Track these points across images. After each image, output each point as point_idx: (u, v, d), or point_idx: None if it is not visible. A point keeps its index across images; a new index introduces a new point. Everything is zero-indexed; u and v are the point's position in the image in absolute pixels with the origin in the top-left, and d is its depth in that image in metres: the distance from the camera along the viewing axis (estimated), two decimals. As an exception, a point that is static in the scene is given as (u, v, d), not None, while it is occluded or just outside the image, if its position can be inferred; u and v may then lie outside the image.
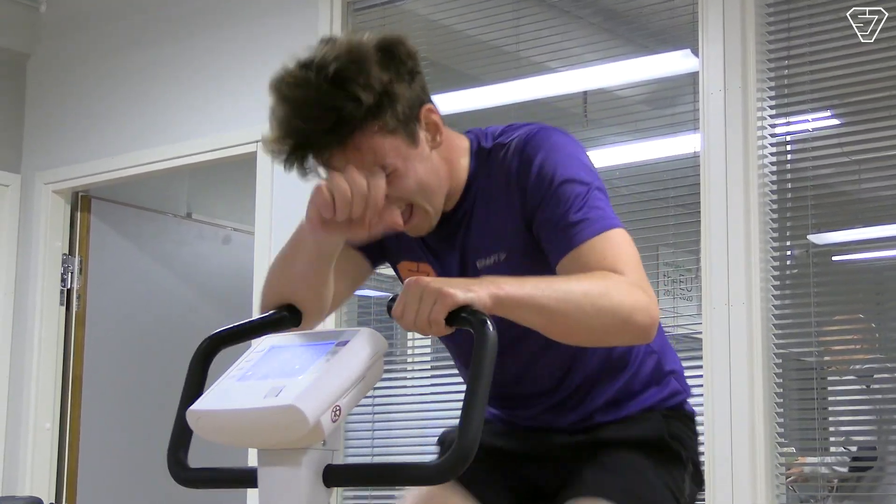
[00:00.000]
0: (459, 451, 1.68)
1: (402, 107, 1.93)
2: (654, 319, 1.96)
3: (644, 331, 1.95)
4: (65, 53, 6.06)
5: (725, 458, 4.02)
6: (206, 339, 1.99)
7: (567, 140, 2.07)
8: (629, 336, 1.97)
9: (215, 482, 1.93)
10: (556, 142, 2.05)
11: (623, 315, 1.91)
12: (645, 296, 1.94)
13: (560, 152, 2.03)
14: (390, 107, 1.92)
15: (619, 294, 1.91)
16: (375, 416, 4.99)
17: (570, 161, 2.03)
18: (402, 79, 1.94)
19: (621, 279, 1.93)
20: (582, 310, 1.87)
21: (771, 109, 4.19)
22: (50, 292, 5.92)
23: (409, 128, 1.96)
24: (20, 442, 5.80)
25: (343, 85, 1.88)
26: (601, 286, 1.91)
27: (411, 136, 1.97)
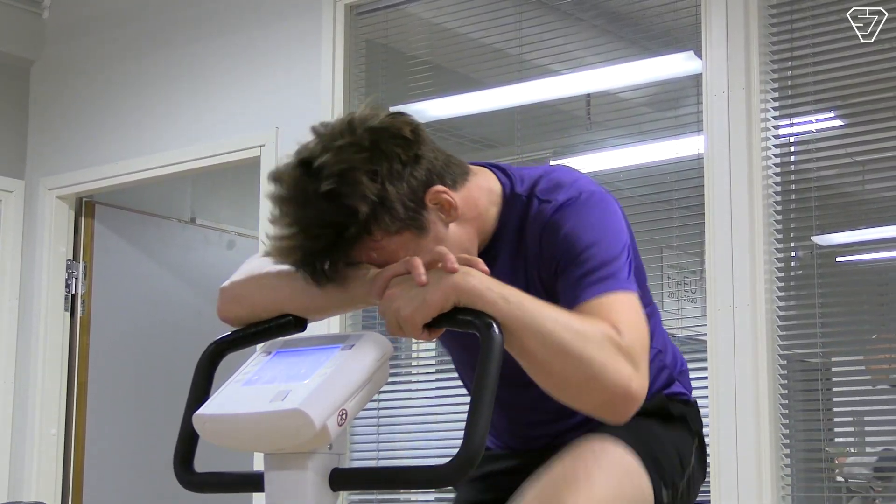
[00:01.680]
0: (465, 454, 1.68)
1: (400, 206, 1.90)
2: (628, 394, 1.80)
3: (611, 401, 1.81)
4: (68, 59, 6.06)
5: (731, 459, 4.02)
6: (212, 343, 1.99)
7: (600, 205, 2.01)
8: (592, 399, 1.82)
9: (222, 486, 1.94)
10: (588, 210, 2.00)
11: (590, 371, 1.78)
12: (628, 366, 1.80)
13: (589, 221, 1.98)
14: (387, 213, 1.89)
15: (599, 347, 1.79)
16: (381, 420, 4.99)
17: (598, 230, 1.97)
18: (399, 175, 1.90)
19: (612, 336, 1.81)
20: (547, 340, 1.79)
21: (774, 111, 4.19)
22: (54, 298, 5.93)
23: (415, 221, 1.93)
24: (26, 447, 5.81)
25: (337, 201, 1.86)
26: (585, 328, 1.81)
27: (419, 227, 1.93)
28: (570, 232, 1.97)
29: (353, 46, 5.18)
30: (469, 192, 2.02)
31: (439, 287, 1.79)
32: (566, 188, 2.03)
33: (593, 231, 1.97)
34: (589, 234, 1.96)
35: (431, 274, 1.82)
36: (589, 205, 2.00)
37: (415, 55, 5.15)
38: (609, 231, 1.98)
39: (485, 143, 5.42)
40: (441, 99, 5.11)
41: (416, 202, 1.92)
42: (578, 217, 1.98)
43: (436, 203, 1.95)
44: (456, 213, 1.98)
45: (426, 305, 1.79)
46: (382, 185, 1.88)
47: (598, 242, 1.95)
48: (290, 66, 5.29)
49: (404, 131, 1.93)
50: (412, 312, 1.80)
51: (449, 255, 1.82)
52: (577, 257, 1.94)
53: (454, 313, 1.80)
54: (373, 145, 1.89)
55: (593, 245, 1.95)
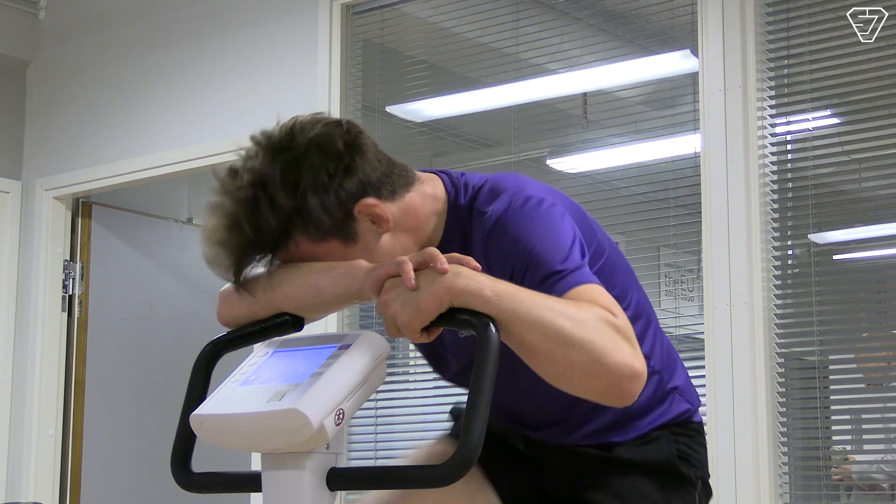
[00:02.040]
0: (463, 454, 1.68)
1: (323, 217, 1.94)
2: (634, 372, 1.79)
3: (618, 382, 1.80)
4: (65, 60, 6.06)
5: (728, 458, 4.03)
6: (209, 343, 1.99)
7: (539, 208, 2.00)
8: (599, 383, 1.80)
9: (219, 486, 1.94)
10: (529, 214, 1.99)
11: (594, 354, 1.78)
12: (627, 345, 1.81)
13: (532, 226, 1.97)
14: (305, 222, 1.94)
15: (598, 330, 1.79)
16: (378, 419, 4.99)
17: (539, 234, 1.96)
18: (325, 187, 1.94)
19: (608, 317, 1.81)
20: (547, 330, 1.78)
21: (771, 109, 4.19)
22: (52, 298, 5.93)
23: (340, 231, 1.96)
24: (23, 448, 5.81)
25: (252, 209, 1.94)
26: (581, 313, 1.80)
27: (346, 235, 1.97)
28: (513, 241, 1.96)
29: (350, 46, 5.18)
30: (410, 201, 2.03)
31: (431, 291, 1.78)
32: (501, 197, 2.02)
33: (534, 235, 1.96)
34: (532, 239, 1.95)
35: (422, 277, 1.81)
36: (524, 211, 1.99)
37: (411, 54, 5.15)
38: (548, 232, 1.97)
39: (481, 142, 5.42)
40: (437, 98, 5.12)
41: (343, 213, 1.95)
42: (516, 225, 1.97)
43: (367, 215, 1.97)
44: (387, 224, 1.99)
45: (421, 312, 1.79)
46: (302, 196, 1.92)
47: (544, 245, 1.94)
48: (286, 66, 5.29)
49: (337, 143, 1.95)
50: (408, 319, 1.80)
51: (438, 255, 1.82)
52: (531, 263, 1.93)
53: (451, 313, 1.80)
54: (301, 156, 1.94)
55: (542, 248, 1.94)
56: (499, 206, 2.00)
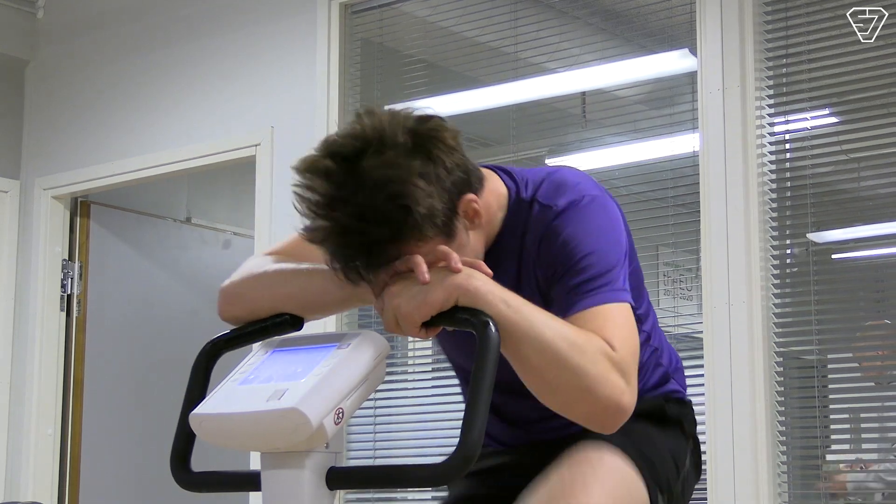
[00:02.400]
0: (462, 452, 1.69)
1: (440, 217, 1.86)
2: (619, 408, 1.81)
3: (601, 413, 1.82)
4: (63, 59, 6.06)
5: (727, 456, 4.03)
6: (208, 343, 1.99)
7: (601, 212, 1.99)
8: (582, 410, 1.83)
9: (219, 486, 1.94)
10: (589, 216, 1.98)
11: (584, 383, 1.79)
12: (621, 380, 1.82)
13: (589, 228, 1.97)
14: (430, 219, 1.85)
15: (594, 360, 1.80)
16: (377, 419, 4.99)
17: (597, 237, 1.96)
18: (442, 183, 1.86)
19: (606, 350, 1.82)
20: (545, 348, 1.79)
21: (770, 108, 4.19)
22: (50, 298, 5.93)
23: (447, 228, 1.89)
24: (22, 448, 5.80)
25: (389, 205, 1.81)
26: (580, 340, 1.82)
27: (449, 233, 1.90)
28: (569, 239, 1.97)
29: (349, 45, 5.18)
30: (486, 198, 2.00)
31: (442, 286, 1.79)
32: (567, 192, 2.02)
33: (592, 239, 1.96)
34: (587, 242, 1.96)
35: (434, 273, 1.82)
36: (589, 210, 1.99)
37: (410, 54, 5.15)
38: (608, 239, 1.98)
39: (480, 141, 5.42)
40: (436, 97, 5.11)
41: (452, 210, 1.89)
42: (578, 223, 1.98)
43: (465, 211, 1.93)
44: (480, 221, 1.96)
45: (427, 303, 1.80)
46: (431, 192, 1.84)
47: (595, 251, 1.95)
48: (285, 65, 5.29)
49: (448, 138, 1.89)
50: (412, 310, 1.80)
51: (453, 254, 1.82)
52: (574, 265, 1.94)
53: (453, 312, 1.80)
54: (420, 150, 1.85)
55: (591, 254, 1.94)
56: (563, 202, 2.00)
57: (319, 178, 1.83)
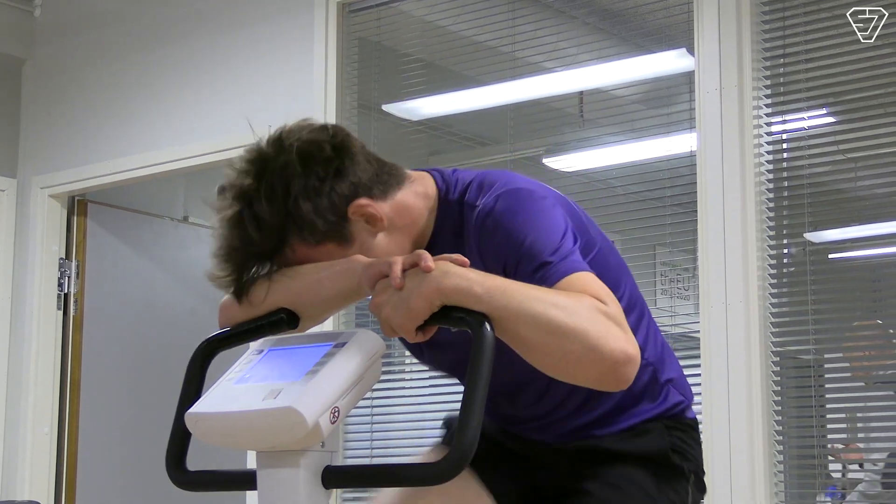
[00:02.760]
0: (458, 452, 1.68)
1: (318, 221, 1.96)
2: (628, 357, 1.80)
3: (613, 368, 1.81)
4: (60, 58, 6.05)
5: (724, 456, 4.03)
6: (204, 341, 1.99)
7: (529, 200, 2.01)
8: (594, 370, 1.81)
9: (214, 485, 1.94)
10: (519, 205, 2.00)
11: (588, 342, 1.79)
12: (620, 331, 1.82)
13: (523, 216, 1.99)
14: (300, 228, 1.96)
15: (590, 318, 1.80)
16: (374, 418, 4.99)
17: (531, 221, 1.98)
18: (316, 191, 1.96)
19: (598, 304, 1.83)
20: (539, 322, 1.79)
21: (767, 108, 4.19)
22: (47, 297, 5.92)
23: (336, 233, 1.99)
24: (18, 447, 5.80)
25: (241, 224, 1.97)
26: (572, 302, 1.81)
27: (342, 237, 1.99)
28: (507, 231, 1.98)
29: (346, 44, 5.18)
30: (402, 200, 2.05)
31: (420, 292, 1.79)
32: (491, 191, 2.04)
33: (527, 224, 1.97)
34: (525, 229, 1.97)
35: (410, 278, 1.82)
36: (517, 202, 2.00)
37: (407, 53, 5.15)
38: (544, 223, 1.98)
39: (477, 140, 5.42)
40: (434, 96, 5.11)
41: (337, 215, 1.98)
42: (509, 217, 1.99)
43: (360, 215, 1.99)
44: (381, 223, 2.01)
45: (412, 313, 1.80)
46: (294, 203, 1.94)
47: (535, 235, 1.96)
48: (282, 64, 5.29)
49: (325, 148, 1.98)
50: (401, 321, 1.81)
51: (424, 255, 1.83)
52: (523, 255, 1.94)
53: (446, 311, 1.80)
54: (289, 164, 1.97)
55: (533, 238, 1.95)
56: (489, 199, 2.02)
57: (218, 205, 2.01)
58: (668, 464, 2.20)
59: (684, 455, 2.23)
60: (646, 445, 2.18)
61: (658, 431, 2.21)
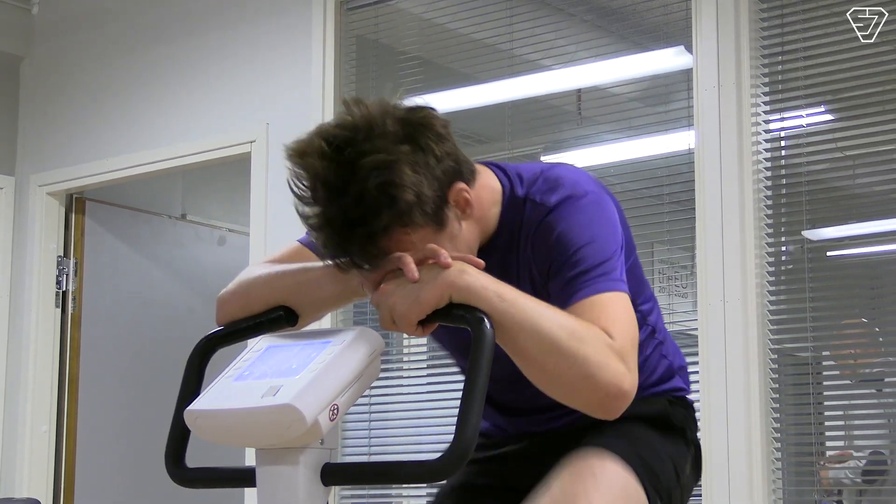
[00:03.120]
0: (457, 448, 1.69)
1: (429, 205, 1.88)
2: (621, 392, 1.81)
3: (604, 399, 1.82)
4: (58, 56, 6.05)
5: (722, 453, 4.03)
6: (203, 339, 1.99)
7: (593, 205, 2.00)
8: (584, 397, 1.83)
9: (213, 482, 1.94)
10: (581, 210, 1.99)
11: (585, 370, 1.79)
12: (621, 365, 1.82)
13: (582, 222, 1.98)
14: (420, 207, 1.86)
15: (593, 348, 1.80)
16: (372, 415, 4.99)
17: (591, 230, 1.97)
18: (432, 171, 1.88)
19: (605, 338, 1.83)
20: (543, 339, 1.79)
21: (765, 106, 4.19)
22: (45, 294, 5.92)
23: (437, 217, 1.91)
24: (17, 444, 5.80)
25: (381, 192, 1.83)
26: (580, 330, 1.82)
27: (439, 222, 1.91)
28: (563, 233, 1.97)
29: (344, 42, 5.18)
30: (479, 190, 2.01)
31: (435, 284, 1.79)
32: (561, 188, 2.02)
33: (586, 231, 1.96)
34: (581, 235, 1.96)
35: (426, 270, 1.82)
36: (582, 205, 2.00)
37: (405, 50, 5.15)
38: (602, 231, 1.98)
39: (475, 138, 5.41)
40: (432, 94, 5.09)
41: (442, 198, 1.91)
42: (571, 218, 1.98)
43: (456, 200, 1.94)
44: (472, 210, 1.97)
45: (421, 303, 1.80)
46: (420, 179, 1.86)
47: (590, 243, 1.95)
48: (280, 62, 5.28)
49: (437, 126, 1.91)
50: (407, 310, 1.81)
51: (441, 251, 1.83)
52: (569, 259, 1.94)
53: (448, 309, 1.80)
54: (409, 138, 1.87)
55: (585, 245, 1.95)
56: (556, 198, 2.01)
57: (310, 165, 1.85)
58: (670, 425, 2.23)
59: (685, 425, 2.26)
60: (648, 409, 2.19)
61: (660, 402, 2.24)
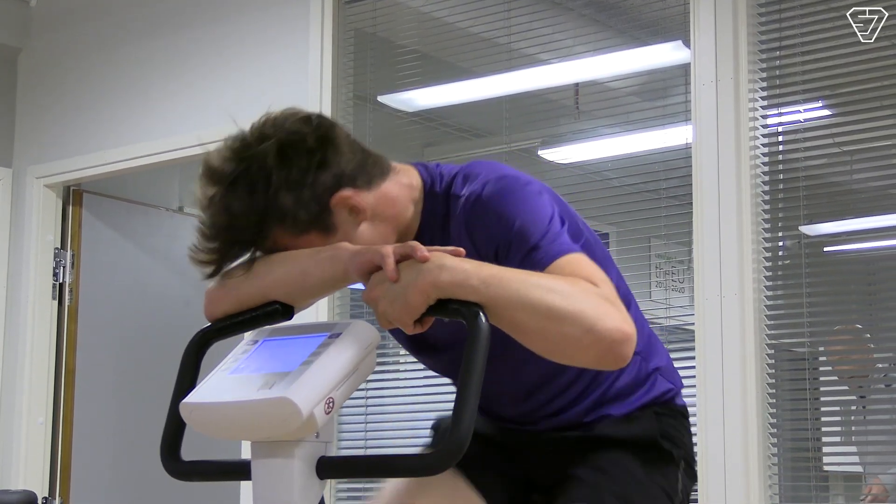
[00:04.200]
0: (453, 442, 1.69)
1: (301, 211, 1.97)
2: (625, 335, 1.81)
3: (612, 347, 1.82)
4: (55, 48, 6.05)
5: (718, 449, 4.03)
6: (199, 332, 1.99)
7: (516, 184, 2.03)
8: (592, 352, 1.83)
9: (209, 475, 1.94)
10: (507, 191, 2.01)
11: (586, 324, 1.80)
12: (616, 311, 1.83)
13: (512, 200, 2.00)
14: (282, 218, 1.97)
15: (586, 299, 1.81)
16: (368, 409, 5.00)
17: (521, 206, 1.99)
18: (299, 182, 1.97)
19: (592, 287, 1.84)
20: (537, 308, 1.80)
21: (763, 101, 4.19)
22: (42, 286, 5.92)
23: (319, 223, 1.99)
24: (13, 436, 5.80)
25: (228, 208, 2.00)
26: (566, 286, 1.82)
27: (325, 227, 1.99)
28: (495, 216, 1.99)
29: (342, 35, 5.17)
30: (386, 190, 2.05)
31: (417, 286, 1.79)
32: (477, 180, 2.04)
33: (514, 209, 1.98)
34: (512, 214, 1.97)
35: (406, 268, 1.82)
36: (502, 189, 2.01)
37: (403, 44, 5.15)
38: (530, 205, 1.99)
39: (473, 132, 5.42)
40: (429, 88, 5.11)
41: (320, 206, 1.98)
42: (496, 202, 2.00)
43: (343, 206, 1.99)
44: (364, 214, 2.01)
45: (409, 307, 1.80)
46: (274, 195, 1.95)
47: (525, 219, 1.96)
48: (278, 55, 5.28)
49: (307, 140, 1.98)
50: (399, 315, 1.81)
51: (417, 245, 1.83)
52: (513, 238, 1.95)
53: (441, 304, 1.80)
54: (274, 153, 1.97)
55: (522, 222, 1.96)
56: (475, 186, 2.03)
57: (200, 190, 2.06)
58: (657, 449, 2.21)
59: (674, 441, 2.24)
60: (635, 430, 2.20)
61: (648, 418, 2.22)
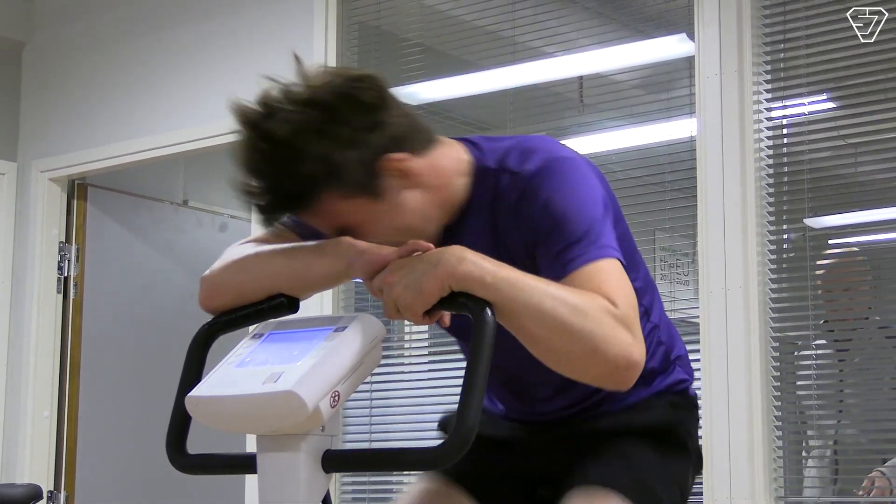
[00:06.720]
0: (458, 436, 1.69)
1: (354, 172, 1.91)
2: (630, 363, 1.81)
3: (614, 372, 1.82)
4: (60, 41, 6.05)
5: (723, 441, 4.03)
6: (204, 325, 2.00)
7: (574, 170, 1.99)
8: (594, 371, 1.83)
9: (214, 468, 1.94)
10: (563, 175, 1.98)
11: (592, 345, 1.79)
12: (627, 335, 1.82)
13: (565, 187, 1.96)
14: (337, 178, 1.90)
15: (598, 321, 1.80)
16: (373, 402, 5.00)
17: (573, 194, 1.96)
18: (354, 142, 1.90)
19: (608, 307, 1.82)
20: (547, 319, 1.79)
21: (767, 93, 4.19)
22: (47, 280, 5.92)
23: (369, 186, 1.93)
24: (19, 430, 5.81)
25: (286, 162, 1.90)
26: (581, 302, 1.81)
27: (373, 192, 1.94)
28: (546, 202, 1.95)
29: (346, 29, 5.17)
30: (434, 159, 2.01)
31: (435, 274, 1.79)
32: (535, 157, 2.01)
33: (568, 198, 1.95)
34: (565, 203, 1.94)
35: (426, 259, 1.82)
36: (560, 172, 1.98)
37: (407, 37, 5.14)
38: (584, 196, 1.96)
39: (477, 125, 5.41)
40: (433, 81, 5.11)
41: (372, 168, 1.92)
42: (551, 185, 1.96)
43: (395, 170, 1.95)
44: (413, 180, 1.97)
45: (424, 294, 1.79)
46: (333, 151, 1.89)
47: (575, 210, 1.93)
48: (282, 49, 5.26)
49: (365, 97, 1.92)
50: (411, 301, 1.80)
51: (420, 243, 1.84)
52: (555, 228, 1.93)
53: (452, 297, 1.80)
54: (332, 109, 1.90)
55: (570, 213, 1.93)
56: (532, 165, 1.99)
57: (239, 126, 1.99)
58: (672, 439, 2.21)
59: (690, 433, 2.25)
60: (651, 418, 2.19)
61: (663, 406, 2.22)
